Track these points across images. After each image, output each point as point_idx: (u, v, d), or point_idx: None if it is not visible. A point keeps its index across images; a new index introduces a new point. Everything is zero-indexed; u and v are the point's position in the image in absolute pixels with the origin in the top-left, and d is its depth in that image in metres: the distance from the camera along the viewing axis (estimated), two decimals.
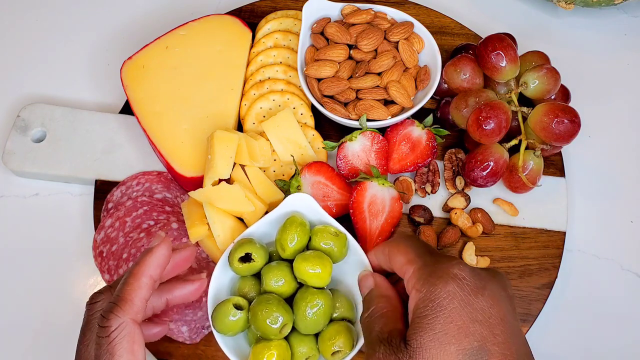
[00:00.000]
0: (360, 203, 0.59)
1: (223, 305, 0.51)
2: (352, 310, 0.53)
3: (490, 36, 0.60)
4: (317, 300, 0.50)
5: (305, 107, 0.65)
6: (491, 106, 0.57)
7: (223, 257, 0.54)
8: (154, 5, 0.78)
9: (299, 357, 0.51)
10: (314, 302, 0.50)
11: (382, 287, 0.49)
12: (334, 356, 0.51)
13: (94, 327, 0.45)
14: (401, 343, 0.42)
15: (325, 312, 0.51)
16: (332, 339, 0.50)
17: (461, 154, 0.64)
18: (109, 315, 0.44)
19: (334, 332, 0.51)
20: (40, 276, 0.63)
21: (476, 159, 0.59)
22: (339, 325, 0.51)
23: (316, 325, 0.51)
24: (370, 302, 0.48)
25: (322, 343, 0.51)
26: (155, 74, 0.66)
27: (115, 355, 0.43)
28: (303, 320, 0.50)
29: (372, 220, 0.59)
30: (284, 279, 0.52)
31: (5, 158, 0.65)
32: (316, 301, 0.50)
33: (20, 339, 0.60)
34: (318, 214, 0.55)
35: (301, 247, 0.53)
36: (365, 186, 0.59)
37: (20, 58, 0.74)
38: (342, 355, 0.51)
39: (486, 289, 0.42)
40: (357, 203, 0.59)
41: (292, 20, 0.70)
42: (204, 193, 0.58)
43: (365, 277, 0.51)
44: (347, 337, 0.51)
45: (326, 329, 0.51)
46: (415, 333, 0.41)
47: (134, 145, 0.66)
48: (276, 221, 0.55)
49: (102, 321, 0.44)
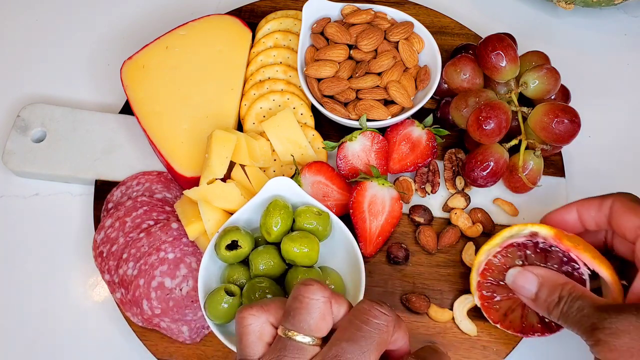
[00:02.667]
0: (360, 203, 0.59)
1: (215, 294, 0.52)
2: (342, 285, 0.55)
3: (490, 36, 0.60)
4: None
5: (305, 107, 0.65)
6: (491, 106, 0.57)
7: (209, 246, 0.55)
8: (154, 5, 0.77)
9: None
10: None
11: (554, 275, 0.49)
12: None
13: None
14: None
15: None
16: None
17: (461, 154, 0.64)
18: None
19: None
20: (40, 276, 0.63)
21: (476, 159, 0.59)
22: None
23: None
24: (553, 292, 0.48)
25: None
26: (155, 74, 0.66)
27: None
28: None
29: (372, 220, 0.59)
30: (272, 261, 0.53)
31: (5, 158, 0.65)
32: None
33: (20, 339, 0.60)
34: (299, 195, 0.56)
35: (286, 230, 0.54)
36: (365, 186, 0.59)
37: (20, 58, 0.74)
38: None
39: None
40: (357, 203, 0.59)
41: (292, 20, 0.70)
42: (199, 191, 0.58)
43: (519, 274, 0.50)
44: None
45: None
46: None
47: (134, 145, 0.66)
48: (259, 207, 0.56)
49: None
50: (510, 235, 0.53)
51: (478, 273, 0.55)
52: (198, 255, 0.59)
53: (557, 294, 0.48)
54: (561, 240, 0.50)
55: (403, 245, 0.61)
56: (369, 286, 0.59)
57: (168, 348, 0.57)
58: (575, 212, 0.52)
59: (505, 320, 0.54)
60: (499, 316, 0.54)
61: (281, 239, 0.54)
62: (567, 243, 0.50)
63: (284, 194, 0.56)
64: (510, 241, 0.53)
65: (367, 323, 0.39)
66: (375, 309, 0.39)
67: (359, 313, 0.39)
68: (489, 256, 0.54)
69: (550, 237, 0.51)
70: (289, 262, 0.54)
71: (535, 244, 0.52)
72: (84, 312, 0.61)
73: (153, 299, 0.57)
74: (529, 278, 0.50)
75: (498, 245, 0.53)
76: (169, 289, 0.58)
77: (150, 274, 0.57)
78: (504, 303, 0.54)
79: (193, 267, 0.59)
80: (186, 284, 0.58)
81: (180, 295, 0.58)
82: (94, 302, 0.62)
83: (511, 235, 0.53)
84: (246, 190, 0.59)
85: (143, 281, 0.57)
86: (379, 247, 0.60)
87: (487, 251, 0.54)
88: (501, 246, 0.53)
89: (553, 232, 0.51)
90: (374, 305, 0.40)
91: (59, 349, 0.60)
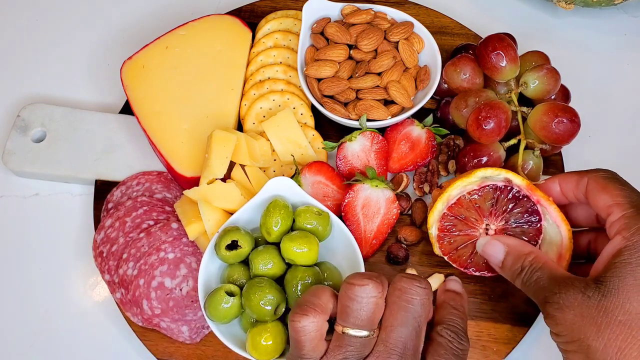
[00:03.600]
0: (353, 206, 0.59)
1: (215, 294, 0.52)
2: (340, 281, 0.55)
3: (491, 36, 0.60)
4: (307, 278, 0.52)
5: (305, 107, 0.65)
6: (491, 106, 0.57)
7: (209, 246, 0.55)
8: (154, 5, 0.77)
9: None
10: (305, 280, 0.52)
11: (520, 245, 0.51)
12: None
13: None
14: (591, 282, 0.44)
15: None
16: None
17: (459, 140, 0.64)
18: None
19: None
20: (40, 276, 0.63)
21: (473, 148, 0.59)
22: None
23: None
24: (517, 262, 0.49)
25: None
26: (155, 74, 0.66)
27: None
28: (296, 299, 0.52)
29: (367, 222, 0.59)
30: (272, 261, 0.53)
31: (5, 158, 0.65)
32: (307, 279, 0.52)
33: (20, 339, 0.60)
34: (299, 195, 0.56)
35: (286, 229, 0.54)
36: (356, 189, 0.59)
37: (20, 58, 0.74)
38: None
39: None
40: (349, 206, 0.59)
41: (292, 20, 0.70)
42: (199, 191, 0.58)
43: (488, 244, 0.52)
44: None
45: None
46: (614, 276, 0.44)
47: (134, 145, 0.66)
48: (259, 207, 0.56)
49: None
50: (485, 175, 0.54)
51: (446, 205, 0.55)
52: (198, 255, 0.59)
53: (520, 264, 0.50)
54: (534, 191, 0.54)
55: (403, 245, 0.61)
56: None
57: (168, 348, 0.57)
58: (557, 185, 0.54)
59: (454, 254, 0.56)
60: (449, 249, 0.56)
61: (281, 238, 0.54)
62: (538, 194, 0.54)
63: (284, 194, 0.56)
64: (488, 182, 0.54)
65: (411, 302, 0.42)
66: (414, 286, 0.42)
67: (401, 293, 0.42)
68: (464, 192, 0.54)
69: (523, 186, 0.54)
70: (288, 261, 0.54)
71: (510, 190, 0.54)
72: (84, 312, 0.61)
73: (153, 299, 0.57)
74: (497, 246, 0.52)
75: (475, 184, 0.54)
76: (169, 289, 0.58)
77: (150, 274, 0.57)
78: (460, 238, 0.55)
79: (193, 267, 0.59)
80: (186, 284, 0.58)
81: (180, 295, 0.58)
82: (94, 302, 0.62)
83: (486, 176, 0.54)
84: (246, 190, 0.59)
85: (143, 281, 0.57)
86: (375, 249, 0.60)
87: (462, 187, 0.55)
88: (479, 185, 0.54)
89: (526, 183, 0.54)
90: (413, 282, 0.43)
91: (59, 349, 0.60)
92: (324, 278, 0.54)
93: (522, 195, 0.54)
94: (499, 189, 0.54)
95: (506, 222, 0.54)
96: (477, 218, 0.55)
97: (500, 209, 0.54)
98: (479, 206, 0.54)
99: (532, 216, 0.54)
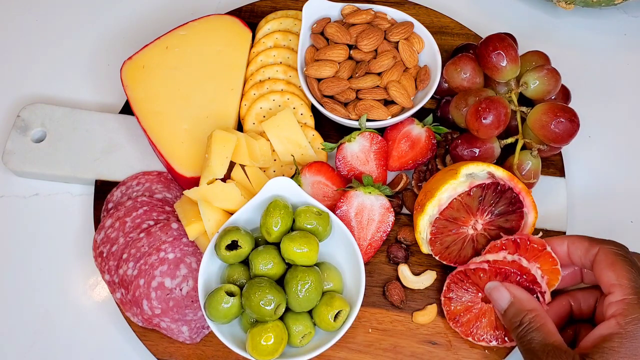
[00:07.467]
0: (345, 213, 0.58)
1: (215, 294, 0.52)
2: (340, 281, 0.56)
3: (491, 36, 0.60)
4: (307, 278, 0.52)
5: (305, 107, 0.65)
6: (491, 100, 0.58)
7: (209, 247, 0.55)
8: (154, 5, 0.78)
9: (295, 336, 0.53)
10: (305, 280, 0.52)
11: (525, 300, 0.51)
12: (336, 320, 0.52)
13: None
14: (577, 356, 0.45)
15: (316, 289, 0.52)
16: (329, 306, 0.53)
17: (457, 134, 0.64)
18: None
19: (328, 299, 0.53)
20: (40, 276, 0.63)
21: (466, 138, 0.60)
22: (330, 295, 0.54)
23: (309, 302, 0.52)
24: (518, 315, 0.50)
25: (319, 314, 0.53)
26: (155, 74, 0.66)
27: None
28: (296, 299, 0.52)
29: (361, 230, 0.58)
30: (272, 261, 0.53)
31: (5, 158, 0.65)
32: (307, 279, 0.52)
33: (20, 339, 0.60)
34: (299, 195, 0.56)
35: (286, 229, 0.55)
36: (349, 196, 0.58)
37: (20, 58, 0.74)
38: (344, 314, 0.53)
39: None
40: (341, 214, 0.58)
41: (292, 20, 0.70)
42: (199, 191, 0.58)
43: (496, 289, 0.53)
44: (342, 300, 0.53)
45: (320, 302, 0.53)
46: (602, 357, 0.44)
47: (134, 145, 0.66)
48: (259, 207, 0.56)
49: None
50: (469, 173, 0.55)
51: (439, 210, 0.55)
52: (198, 255, 0.59)
53: (520, 318, 0.50)
54: (517, 182, 0.56)
55: (403, 245, 0.61)
56: (368, 286, 0.59)
57: (168, 348, 0.57)
58: (565, 246, 0.54)
59: (444, 252, 0.57)
60: (440, 249, 0.57)
61: (281, 239, 0.54)
62: (519, 185, 0.56)
63: (284, 194, 0.56)
64: (477, 182, 0.55)
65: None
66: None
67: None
68: (455, 195, 0.55)
69: (505, 178, 0.56)
70: (288, 261, 0.54)
71: (496, 185, 0.55)
72: (84, 312, 0.61)
73: (153, 299, 0.57)
74: (504, 294, 0.52)
75: (465, 185, 0.55)
76: (169, 289, 0.58)
77: (150, 274, 0.57)
78: (450, 238, 0.56)
79: (193, 267, 0.59)
80: (186, 284, 0.58)
81: (180, 295, 0.58)
82: (94, 302, 0.62)
83: (470, 174, 0.55)
84: (246, 190, 0.59)
85: (143, 281, 0.57)
86: (371, 256, 0.60)
87: (452, 189, 0.55)
88: (469, 187, 0.55)
89: (507, 175, 0.56)
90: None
91: (59, 348, 0.60)
92: (324, 278, 0.54)
93: (507, 188, 0.55)
94: (486, 187, 0.55)
95: (492, 214, 0.56)
96: (465, 217, 0.56)
97: (487, 204, 0.55)
98: (469, 205, 0.55)
99: (515, 205, 0.56)
